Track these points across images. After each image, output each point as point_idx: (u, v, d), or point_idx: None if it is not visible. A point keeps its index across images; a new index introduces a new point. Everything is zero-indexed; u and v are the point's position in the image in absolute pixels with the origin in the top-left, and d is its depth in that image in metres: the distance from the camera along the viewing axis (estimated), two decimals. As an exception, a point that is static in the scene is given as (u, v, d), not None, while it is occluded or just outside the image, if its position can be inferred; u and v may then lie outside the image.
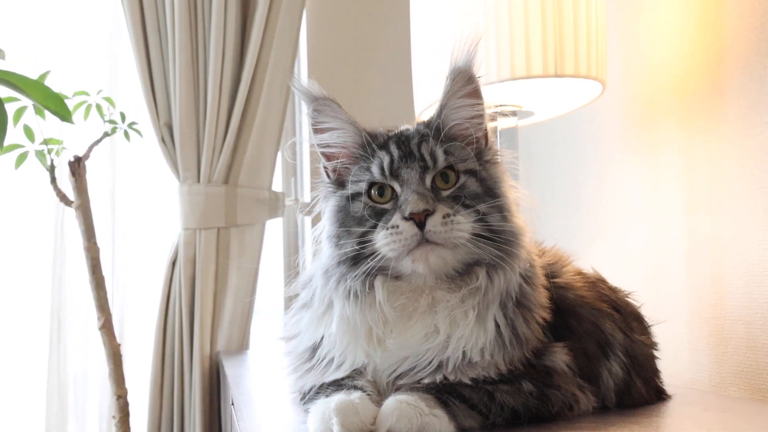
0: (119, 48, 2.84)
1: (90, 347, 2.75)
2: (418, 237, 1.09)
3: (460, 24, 1.72)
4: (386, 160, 1.15)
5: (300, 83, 1.20)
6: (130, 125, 2.41)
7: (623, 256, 2.02)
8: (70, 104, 2.16)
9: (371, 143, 1.19)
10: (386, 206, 1.14)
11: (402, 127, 1.25)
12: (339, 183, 1.22)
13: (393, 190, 1.15)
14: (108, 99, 2.38)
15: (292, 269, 3.03)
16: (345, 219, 1.17)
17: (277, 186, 2.91)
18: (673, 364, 1.76)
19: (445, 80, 1.17)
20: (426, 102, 1.85)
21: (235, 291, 2.69)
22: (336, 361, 1.18)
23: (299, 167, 3.09)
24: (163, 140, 2.66)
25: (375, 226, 1.13)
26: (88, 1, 2.85)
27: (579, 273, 1.35)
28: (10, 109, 1.92)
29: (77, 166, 2.32)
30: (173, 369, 2.64)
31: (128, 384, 2.42)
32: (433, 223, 1.08)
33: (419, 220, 1.08)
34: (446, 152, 1.15)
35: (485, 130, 1.21)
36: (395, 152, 1.16)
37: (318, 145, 1.23)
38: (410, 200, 1.09)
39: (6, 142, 1.62)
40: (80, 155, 2.33)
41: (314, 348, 1.22)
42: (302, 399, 1.19)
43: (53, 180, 2.33)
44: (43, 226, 2.76)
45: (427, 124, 1.21)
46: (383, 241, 1.11)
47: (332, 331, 1.18)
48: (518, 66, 1.67)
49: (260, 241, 2.75)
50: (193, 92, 2.65)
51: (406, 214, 1.09)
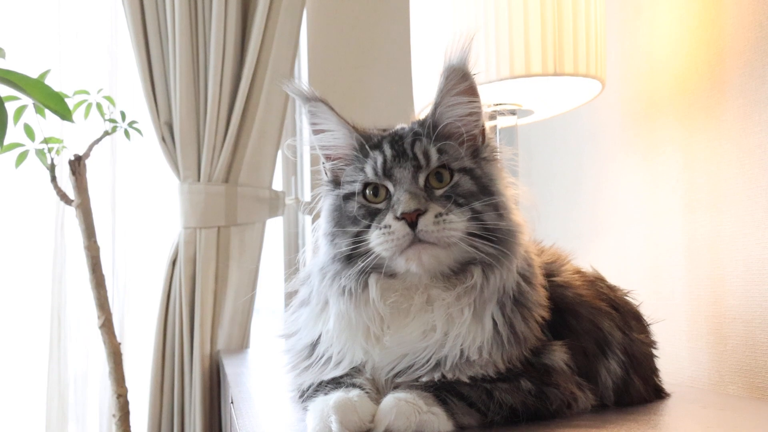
0: (119, 47, 2.84)
1: (90, 346, 2.75)
2: (410, 237, 1.09)
3: (460, 23, 1.72)
4: (379, 160, 1.15)
5: (292, 85, 1.22)
6: (131, 124, 2.41)
7: (622, 255, 2.03)
8: (71, 103, 2.16)
9: (364, 144, 1.19)
10: (380, 206, 1.14)
11: (397, 126, 1.25)
12: (335, 182, 1.23)
13: (387, 190, 1.15)
14: (108, 98, 2.38)
15: (293, 267, 3.04)
16: (340, 218, 1.18)
17: (278, 185, 2.91)
18: (672, 363, 1.77)
19: (439, 78, 1.17)
20: (425, 101, 1.85)
21: (236, 290, 2.70)
22: (334, 359, 1.18)
23: (299, 166, 3.10)
24: (164, 139, 2.66)
25: (369, 226, 1.13)
26: (89, 1, 2.84)
27: (578, 272, 1.35)
28: (11, 108, 1.93)
29: (77, 165, 2.32)
30: (173, 368, 2.65)
31: (128, 383, 2.42)
32: (425, 223, 1.08)
33: (411, 220, 1.08)
34: (440, 151, 1.15)
35: (482, 127, 1.21)
36: (388, 152, 1.16)
37: (317, 147, 1.26)
38: (402, 200, 1.10)
39: (6, 141, 1.62)
40: (80, 154, 2.33)
41: (313, 345, 1.23)
42: (301, 397, 1.20)
43: (53, 179, 2.33)
44: (44, 225, 2.76)
45: (422, 123, 1.20)
46: (376, 241, 1.11)
47: (329, 329, 1.18)
48: (517, 64, 1.67)
49: (260, 240, 2.76)
50: (194, 91, 2.65)
51: (398, 214, 1.09)
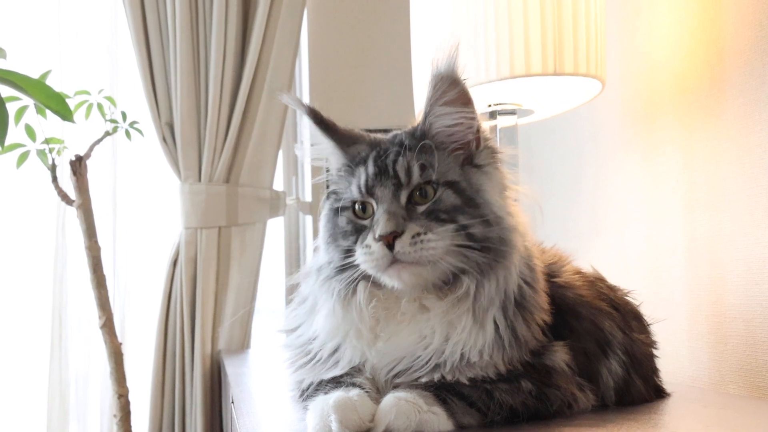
0: (120, 47, 2.84)
1: (91, 346, 2.75)
2: (389, 257, 1.09)
3: (460, 22, 1.72)
4: (362, 178, 1.16)
5: (288, 97, 1.25)
6: (132, 124, 2.42)
7: (622, 255, 2.03)
8: (72, 103, 2.16)
9: (356, 157, 1.20)
10: (366, 222, 1.15)
11: (389, 135, 1.23)
12: (333, 191, 1.24)
13: (373, 206, 1.15)
14: (109, 98, 2.38)
15: (294, 266, 3.04)
16: (333, 230, 1.20)
17: (278, 185, 2.92)
18: (673, 362, 1.77)
19: (428, 87, 1.16)
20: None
21: (237, 290, 2.70)
22: (332, 357, 1.18)
23: (300, 166, 3.10)
24: (165, 139, 2.67)
25: (356, 241, 1.15)
26: (89, 1, 2.85)
27: (578, 272, 1.35)
28: (12, 109, 1.93)
29: (78, 166, 2.32)
30: (174, 368, 2.65)
31: (129, 383, 2.43)
32: (401, 245, 1.08)
33: (388, 242, 1.09)
34: (423, 167, 1.14)
35: (476, 133, 1.19)
36: (371, 169, 1.16)
37: (313, 159, 1.30)
38: (380, 221, 1.10)
39: (7, 142, 1.63)
40: (81, 154, 2.34)
41: (311, 342, 1.23)
42: (301, 396, 1.20)
43: (55, 179, 2.33)
44: (45, 226, 2.76)
45: (412, 133, 1.19)
46: (361, 258, 1.12)
47: (324, 328, 1.20)
48: (517, 64, 1.67)
49: (261, 240, 2.76)
50: (194, 91, 2.66)
51: (376, 236, 1.10)
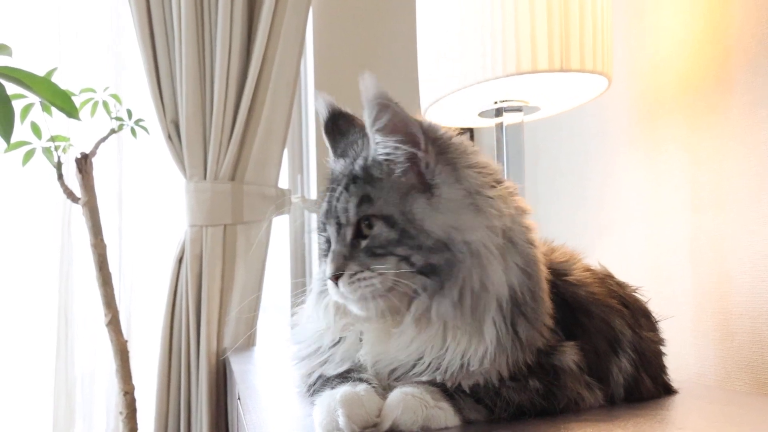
0: (125, 45, 2.85)
1: (97, 343, 2.76)
2: (340, 294, 1.14)
3: (466, 19, 1.72)
4: (321, 212, 1.20)
5: (323, 102, 1.32)
6: (137, 122, 2.42)
7: (628, 252, 2.02)
8: (77, 101, 2.17)
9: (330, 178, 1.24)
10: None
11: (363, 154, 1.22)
12: None
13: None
14: (115, 96, 2.39)
15: (299, 264, 3.05)
16: (318, 243, 1.25)
17: (284, 183, 2.92)
18: (679, 359, 1.76)
19: (364, 116, 1.15)
20: (432, 98, 1.85)
21: (242, 288, 2.70)
22: (332, 357, 1.20)
23: (305, 164, 3.10)
24: (170, 137, 2.67)
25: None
26: (94, -1, 2.86)
27: (588, 269, 1.35)
28: (17, 106, 1.93)
29: (84, 163, 2.33)
30: (180, 365, 2.65)
31: (135, 380, 2.43)
32: (342, 284, 1.12)
33: (334, 282, 1.13)
34: (361, 201, 1.14)
35: (423, 150, 1.15)
36: (324, 205, 1.19)
37: None
38: (328, 260, 1.14)
39: (13, 139, 1.62)
40: (87, 152, 2.34)
41: (313, 338, 1.24)
42: (308, 390, 1.20)
43: (60, 177, 2.33)
44: (50, 223, 2.77)
45: (365, 157, 1.18)
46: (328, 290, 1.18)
47: (316, 324, 1.24)
48: (524, 60, 1.66)
49: (267, 238, 2.76)
50: (200, 89, 2.66)
51: (326, 275, 1.14)
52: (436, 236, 1.11)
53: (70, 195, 2.37)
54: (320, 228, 1.21)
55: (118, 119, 2.39)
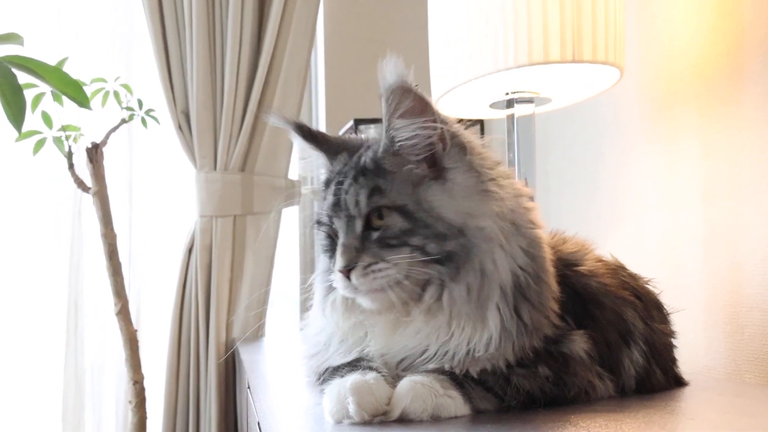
0: (137, 35, 2.85)
1: (107, 333, 2.77)
2: (350, 288, 1.12)
3: (478, 10, 1.72)
4: (325, 206, 1.18)
5: (274, 118, 1.26)
6: (148, 112, 2.42)
7: (640, 243, 2.02)
8: (88, 91, 2.17)
9: (331, 173, 1.22)
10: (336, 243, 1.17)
11: (359, 145, 1.23)
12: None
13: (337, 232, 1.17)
14: (125, 86, 2.39)
15: (309, 256, 3.05)
16: (318, 240, 1.24)
17: (294, 174, 2.92)
18: (689, 351, 1.76)
19: (381, 103, 1.14)
20: (443, 89, 1.85)
21: (251, 278, 2.71)
22: (340, 350, 1.19)
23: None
24: (180, 127, 2.67)
25: (332, 257, 1.18)
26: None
27: (600, 260, 1.34)
28: (29, 96, 1.93)
29: (95, 153, 2.33)
30: (189, 355, 2.66)
31: (144, 369, 2.44)
32: (355, 276, 1.10)
33: (345, 276, 1.11)
34: (371, 194, 1.13)
35: (440, 136, 1.15)
36: (330, 198, 1.17)
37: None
38: (337, 254, 1.13)
39: (24, 129, 1.63)
40: (98, 142, 2.35)
41: (320, 334, 1.24)
42: (317, 380, 1.20)
43: (71, 166, 2.34)
44: (61, 213, 2.78)
45: (376, 148, 1.18)
46: (335, 284, 1.16)
47: (323, 322, 1.23)
48: (536, 51, 1.66)
49: (276, 229, 2.77)
50: (210, 80, 2.66)
51: (336, 269, 1.13)
52: (452, 223, 1.12)
53: (81, 184, 2.37)
54: (323, 222, 1.19)
55: (129, 109, 2.39)
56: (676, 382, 1.36)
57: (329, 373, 1.16)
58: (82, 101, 1.74)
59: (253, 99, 2.67)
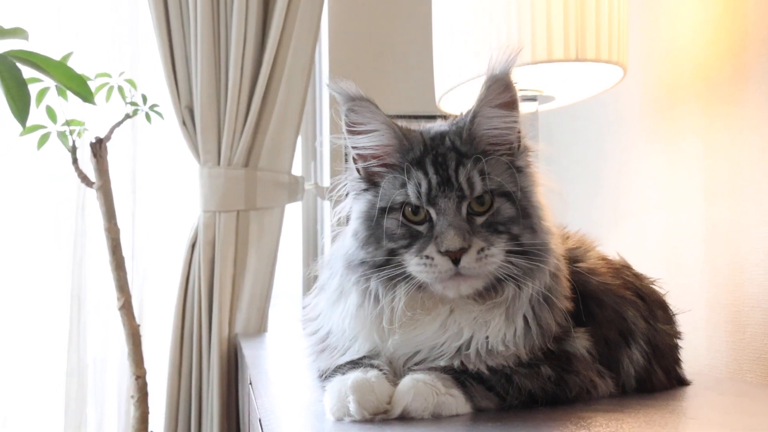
0: (141, 30, 2.85)
1: (109, 328, 2.77)
2: (452, 271, 1.08)
3: (482, 8, 1.72)
4: (423, 185, 1.12)
5: (336, 84, 1.16)
6: (152, 107, 2.42)
7: (642, 242, 2.02)
8: (93, 86, 2.17)
9: (407, 154, 1.16)
10: (420, 228, 1.12)
11: (434, 130, 1.20)
12: (370, 181, 1.20)
13: (428, 212, 1.12)
14: (130, 81, 2.39)
15: (312, 252, 3.05)
16: (375, 229, 1.15)
17: (297, 170, 2.92)
18: (691, 350, 1.76)
19: (481, 87, 1.14)
20: (446, 87, 1.85)
21: (254, 274, 2.71)
22: (348, 348, 1.19)
23: (319, 151, 3.10)
24: (184, 123, 2.67)
25: (407, 246, 1.12)
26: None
27: (603, 258, 1.35)
28: (33, 90, 1.93)
29: (99, 148, 2.33)
30: (192, 350, 2.66)
31: (147, 364, 2.44)
32: (468, 260, 1.08)
33: (455, 258, 1.07)
34: (483, 176, 1.12)
35: (518, 135, 1.17)
36: (433, 178, 1.12)
37: (352, 147, 1.20)
38: (447, 235, 1.08)
39: (28, 123, 1.63)
40: (102, 137, 2.35)
41: (329, 332, 1.23)
42: (320, 377, 1.21)
43: (75, 161, 2.34)
44: (64, 207, 2.78)
45: (458, 132, 1.17)
46: (416, 268, 1.10)
47: (343, 319, 1.19)
48: (539, 50, 1.66)
49: (279, 225, 2.76)
50: (215, 75, 2.66)
51: (442, 249, 1.08)
52: (541, 216, 1.15)
53: (85, 179, 2.37)
54: (411, 203, 1.13)
55: (133, 104, 2.39)
56: (679, 383, 1.36)
57: (331, 371, 1.16)
58: (87, 96, 1.74)
59: (257, 95, 2.67)
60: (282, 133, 2.73)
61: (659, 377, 1.29)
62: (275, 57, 2.69)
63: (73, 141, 2.31)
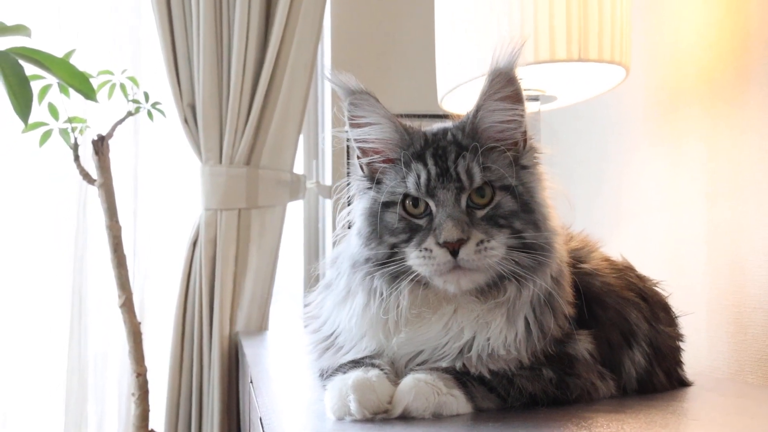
0: (143, 28, 2.85)
1: (110, 325, 2.77)
2: (451, 263, 1.08)
3: (484, 7, 1.71)
4: (423, 176, 1.12)
5: (336, 76, 1.16)
6: (154, 105, 2.42)
7: (644, 243, 2.02)
8: (95, 83, 2.17)
9: (408, 148, 1.16)
10: (420, 222, 1.12)
11: (437, 128, 1.20)
12: (372, 179, 1.19)
13: (428, 204, 1.12)
14: (132, 78, 2.39)
15: (313, 250, 3.05)
16: (377, 225, 1.15)
17: (299, 168, 2.92)
18: (692, 352, 1.76)
19: (485, 80, 1.13)
20: (449, 85, 1.85)
21: (255, 272, 2.71)
22: (354, 348, 1.19)
23: (321, 150, 3.10)
24: (186, 121, 2.67)
25: (407, 240, 1.12)
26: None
27: (606, 260, 1.34)
28: (36, 87, 1.94)
29: (100, 145, 2.33)
30: (192, 348, 2.66)
31: (148, 362, 2.44)
32: (467, 252, 1.07)
33: (453, 249, 1.07)
34: (484, 168, 1.12)
35: (523, 133, 1.17)
36: (432, 169, 1.12)
37: (354, 140, 1.20)
38: (444, 227, 1.07)
39: (30, 120, 1.63)
40: (104, 134, 2.35)
41: (334, 331, 1.23)
42: (321, 376, 1.21)
43: (77, 158, 2.34)
44: (66, 204, 2.78)
45: (461, 127, 1.17)
46: (416, 261, 1.10)
47: (350, 319, 1.19)
48: (542, 49, 1.66)
49: (281, 223, 2.76)
50: (217, 73, 2.66)
51: (440, 241, 1.07)
52: (544, 213, 1.15)
53: (86, 176, 2.37)
54: (411, 194, 1.13)
55: (135, 102, 2.39)
56: (680, 384, 1.35)
57: (333, 370, 1.16)
58: (89, 93, 1.74)
59: (260, 93, 2.67)
60: (284, 132, 2.73)
61: (660, 379, 1.29)
62: (278, 55, 2.69)
63: (75, 138, 2.31)
